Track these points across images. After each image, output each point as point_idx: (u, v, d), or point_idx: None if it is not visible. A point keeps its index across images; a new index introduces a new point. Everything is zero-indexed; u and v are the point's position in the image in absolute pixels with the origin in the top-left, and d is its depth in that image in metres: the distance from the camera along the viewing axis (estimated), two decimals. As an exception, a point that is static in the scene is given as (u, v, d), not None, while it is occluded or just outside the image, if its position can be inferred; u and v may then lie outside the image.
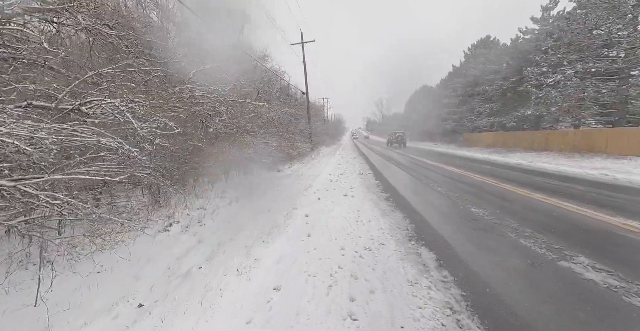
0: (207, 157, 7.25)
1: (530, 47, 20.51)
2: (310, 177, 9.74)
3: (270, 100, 15.24)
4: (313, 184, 7.97)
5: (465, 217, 4.39)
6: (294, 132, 16.09)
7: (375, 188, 7.13)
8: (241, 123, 8.22)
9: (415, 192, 6.56)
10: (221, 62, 7.61)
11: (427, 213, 4.65)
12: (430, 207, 5.09)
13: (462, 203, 5.18)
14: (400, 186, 7.33)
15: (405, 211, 4.85)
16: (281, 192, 7.14)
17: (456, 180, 7.84)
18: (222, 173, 8.61)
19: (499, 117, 22.28)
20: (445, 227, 3.99)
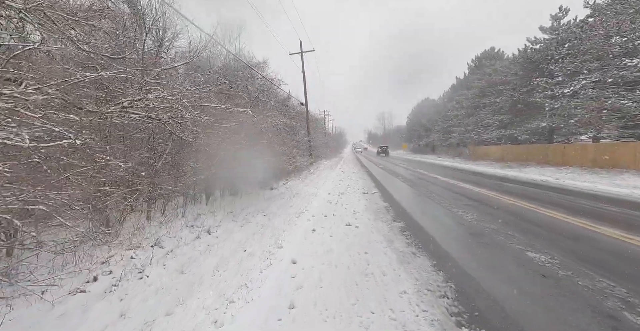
0: (179, 175, 5.94)
1: (540, 57, 19.54)
2: (306, 196, 8.37)
3: (266, 110, 14.11)
4: (308, 207, 6.60)
5: (530, 270, 2.99)
6: (291, 145, 14.86)
7: (384, 213, 5.75)
8: (223, 133, 6.98)
9: (438, 220, 5.17)
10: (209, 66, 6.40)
11: (465, 260, 3.26)
12: (466, 249, 3.69)
13: (508, 242, 3.80)
14: (416, 211, 5.94)
15: (433, 255, 3.46)
16: (269, 219, 5.76)
17: (480, 202, 6.45)
18: (201, 193, 7.27)
19: (510, 129, 21.05)
20: (504, 287, 2.60)
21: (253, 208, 6.93)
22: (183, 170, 6.10)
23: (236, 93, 12.72)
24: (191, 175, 6.46)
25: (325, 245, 3.99)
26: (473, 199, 7.00)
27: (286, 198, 8.43)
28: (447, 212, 5.69)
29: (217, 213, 6.20)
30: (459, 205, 6.27)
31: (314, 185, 11.18)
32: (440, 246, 3.75)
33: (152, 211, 5.36)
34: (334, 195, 8.38)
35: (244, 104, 12.78)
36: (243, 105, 13.18)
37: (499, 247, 3.69)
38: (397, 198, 7.42)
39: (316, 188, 10.13)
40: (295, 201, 7.69)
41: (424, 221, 5.07)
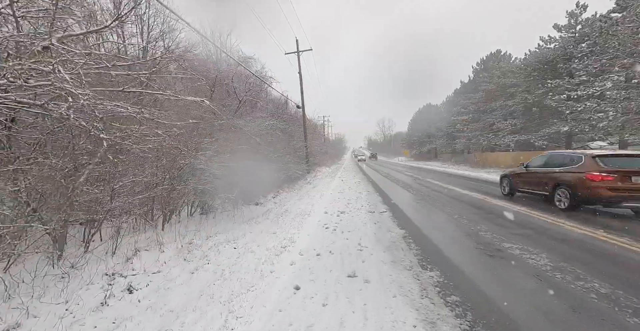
0: (116, 193, 4.18)
1: (557, 56, 18.03)
2: (297, 216, 6.59)
3: (255, 111, 12.41)
4: (297, 237, 4.81)
5: None
6: (283, 151, 13.13)
7: (403, 251, 3.96)
8: (187, 137, 5.30)
9: (497, 274, 3.38)
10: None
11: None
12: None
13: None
14: (448, 245, 4.16)
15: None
16: (238, 257, 3.98)
17: (535, 231, 4.68)
18: (162, 211, 5.49)
19: (524, 134, 19.39)
20: None
21: (223, 235, 5.14)
22: (123, 186, 4.34)
23: (226, 101, 11.07)
24: (138, 191, 4.71)
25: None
26: (521, 225, 5.22)
27: (271, 218, 6.64)
28: (506, 260, 3.90)
29: (168, 245, 4.41)
30: (510, 238, 4.49)
31: (309, 198, 9.39)
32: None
33: (62, 247, 3.58)
34: (332, 214, 6.59)
35: (225, 103, 11.10)
36: (228, 108, 11.49)
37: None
38: (415, 222, 5.63)
39: (311, 203, 8.34)
40: (282, 224, 5.90)
41: (474, 269, 3.29)
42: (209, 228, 5.71)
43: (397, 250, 3.95)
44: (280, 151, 12.98)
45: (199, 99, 3.79)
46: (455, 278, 3.01)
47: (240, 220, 6.47)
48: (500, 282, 2.89)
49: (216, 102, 11.21)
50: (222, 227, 5.89)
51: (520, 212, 6.02)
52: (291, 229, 5.36)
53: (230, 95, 11.93)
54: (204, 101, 3.72)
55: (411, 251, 3.88)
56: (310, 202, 8.50)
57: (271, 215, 7.04)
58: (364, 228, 5.19)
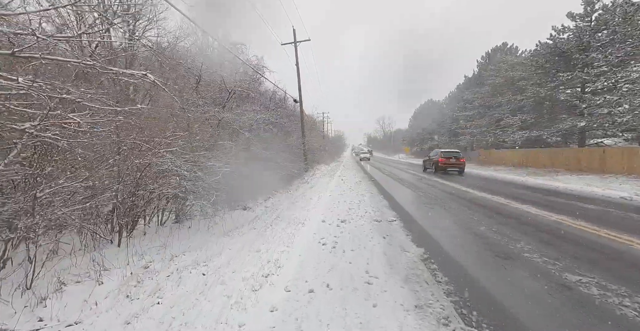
0: (45, 201, 3.11)
1: (572, 46, 16.87)
2: (288, 226, 5.50)
3: (245, 104, 11.28)
4: (283, 261, 3.71)
5: None
6: (278, 148, 12.03)
7: (429, 285, 2.88)
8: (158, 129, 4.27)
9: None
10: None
11: None
12: None
13: None
14: (495, 282, 3.09)
15: None
16: (197, 299, 2.89)
17: (594, 250, 3.63)
18: (118, 223, 4.41)
19: (536, 130, 18.29)
20: None
21: (194, 254, 4.07)
22: (54, 193, 3.26)
23: (212, 92, 9.98)
24: (81, 200, 3.62)
25: None
26: (564, 238, 4.16)
27: (259, 228, 5.55)
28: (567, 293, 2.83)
29: (113, 272, 3.33)
30: (562, 262, 3.42)
31: (305, 201, 8.31)
32: None
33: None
34: (330, 223, 5.51)
35: (211, 96, 9.98)
36: (216, 100, 10.36)
37: None
38: (433, 235, 4.56)
39: (307, 208, 7.26)
40: (270, 237, 4.81)
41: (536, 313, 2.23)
42: (179, 242, 4.63)
43: (419, 284, 2.87)
44: (275, 148, 11.88)
45: (138, 72, 2.66)
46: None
47: (221, 231, 5.39)
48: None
49: (200, 95, 10.11)
50: (197, 240, 4.81)
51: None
52: (279, 245, 4.28)
53: (220, 87, 10.80)
54: (146, 75, 2.59)
55: (440, 287, 2.80)
56: (306, 207, 7.42)
57: (259, 223, 5.96)
58: (370, 245, 4.11)
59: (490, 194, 8.32)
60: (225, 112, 10.07)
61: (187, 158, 4.70)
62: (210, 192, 5.14)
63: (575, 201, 7.15)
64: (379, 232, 4.76)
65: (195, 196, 4.93)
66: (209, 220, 5.80)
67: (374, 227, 5.10)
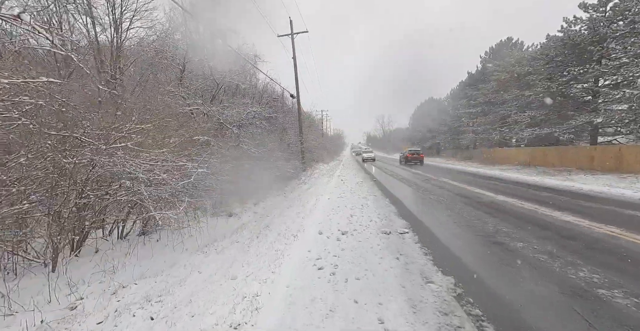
0: None
1: (584, 39, 15.92)
2: (277, 240, 4.52)
3: (234, 98, 10.27)
4: (264, 298, 2.73)
5: None
6: (272, 146, 11.04)
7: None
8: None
9: None
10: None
11: None
12: None
13: None
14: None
15: None
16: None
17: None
18: (52, 241, 3.42)
19: (547, 127, 17.33)
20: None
21: (146, 285, 3.09)
22: None
23: (198, 84, 8.99)
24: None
25: None
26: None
27: (242, 242, 4.58)
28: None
29: (23, 316, 2.35)
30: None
31: (301, 206, 7.33)
32: None
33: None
34: (329, 236, 4.53)
35: (198, 88, 8.97)
36: (203, 97, 9.35)
37: None
38: (462, 256, 3.59)
39: (302, 214, 6.27)
40: (253, 256, 3.84)
41: None
42: (138, 262, 3.65)
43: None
44: (269, 146, 10.90)
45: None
46: None
47: (195, 246, 4.41)
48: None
49: (184, 89, 9.11)
50: (162, 258, 3.84)
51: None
52: (263, 269, 3.30)
53: (207, 77, 9.79)
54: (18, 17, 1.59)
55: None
56: (302, 212, 6.44)
57: (244, 234, 4.98)
58: (381, 271, 3.14)
59: (511, 198, 7.36)
60: (213, 105, 9.10)
61: (148, 156, 3.71)
62: (181, 198, 4.15)
63: (612, 206, 6.18)
64: (390, 250, 3.78)
65: (160, 205, 3.94)
66: (184, 230, 4.83)
67: (383, 242, 4.12)
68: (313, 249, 3.94)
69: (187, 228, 4.94)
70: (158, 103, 7.69)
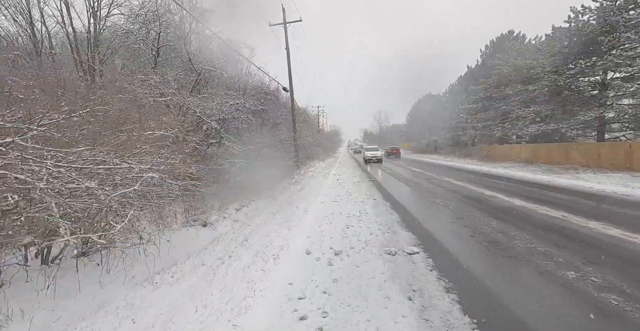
0: None
1: (593, 29, 15.04)
2: (254, 263, 3.55)
3: (216, 88, 9.20)
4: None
5: None
6: (260, 142, 10.02)
7: None
8: None
9: None
10: None
11: None
12: None
13: None
14: None
15: None
16: None
17: None
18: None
19: (554, 122, 16.50)
20: None
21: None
22: None
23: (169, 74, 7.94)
24: None
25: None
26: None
27: (208, 265, 3.60)
28: None
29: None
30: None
31: (289, 213, 6.36)
32: None
33: None
34: (319, 259, 3.57)
35: (175, 77, 7.89)
36: (182, 86, 8.32)
37: None
38: (502, 299, 2.65)
39: (289, 224, 5.30)
40: (215, 290, 2.86)
41: None
42: (55, 303, 2.66)
43: None
44: (257, 142, 9.88)
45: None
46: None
47: (146, 271, 3.43)
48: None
49: (160, 73, 8.03)
50: (92, 295, 2.86)
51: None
52: (221, 322, 2.33)
53: (185, 66, 8.72)
54: None
55: None
56: (289, 221, 5.47)
57: (213, 254, 4.01)
58: (390, 325, 2.19)
59: (528, 202, 6.46)
60: (191, 96, 8.05)
61: (65, 157, 2.69)
62: (123, 212, 3.15)
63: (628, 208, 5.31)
64: (398, 282, 2.84)
65: (95, 220, 2.94)
66: (139, 250, 3.83)
67: (388, 268, 3.17)
68: (297, 279, 2.98)
69: (145, 245, 3.95)
70: (123, 92, 6.65)
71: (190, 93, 8.72)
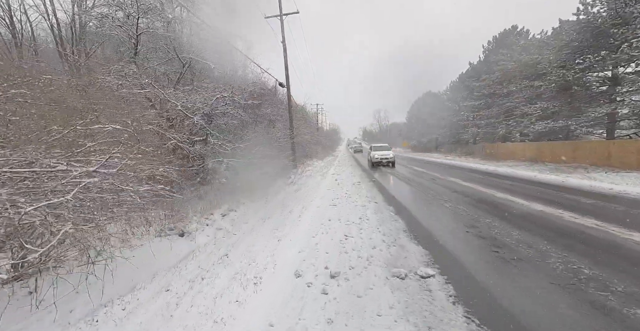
0: None
1: (604, 21, 14.35)
2: (229, 288, 2.84)
3: (201, 81, 8.46)
4: None
5: None
6: (256, 142, 9.30)
7: None
8: None
9: None
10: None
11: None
12: None
13: None
14: None
15: None
16: None
17: None
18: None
19: (562, 119, 15.82)
20: None
21: None
22: None
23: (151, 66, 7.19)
24: None
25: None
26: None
27: (173, 293, 2.89)
28: None
29: None
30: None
31: (281, 218, 5.66)
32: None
33: None
34: (313, 283, 2.87)
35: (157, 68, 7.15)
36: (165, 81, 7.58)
37: None
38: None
39: (279, 234, 4.59)
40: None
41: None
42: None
43: None
44: (250, 140, 9.16)
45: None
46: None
47: (89, 303, 2.73)
48: None
49: (139, 64, 7.28)
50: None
51: None
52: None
53: (170, 55, 7.98)
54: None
55: None
56: (280, 229, 4.76)
57: (184, 274, 3.30)
58: None
59: (549, 206, 5.78)
60: (176, 89, 7.32)
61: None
62: (57, 227, 2.44)
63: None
64: (413, 321, 2.14)
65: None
66: (95, 269, 3.12)
67: (398, 299, 2.48)
68: (280, 318, 2.27)
69: (102, 264, 3.23)
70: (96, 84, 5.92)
71: (175, 85, 8.00)
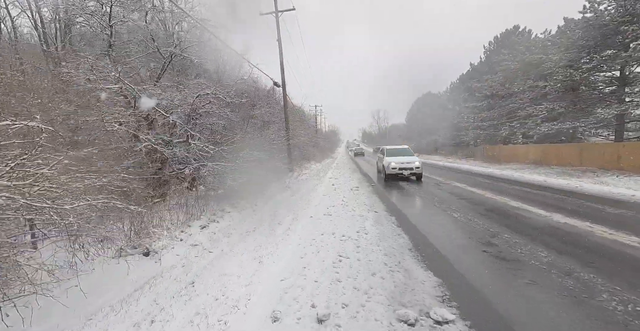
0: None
1: (612, 19, 13.82)
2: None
3: (184, 77, 7.76)
4: None
5: None
6: (246, 144, 8.60)
7: None
8: None
9: None
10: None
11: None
12: None
13: None
14: None
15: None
16: None
17: None
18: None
19: (569, 121, 15.19)
20: None
21: None
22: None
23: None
24: None
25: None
26: None
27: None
28: None
29: None
30: None
31: (267, 233, 4.95)
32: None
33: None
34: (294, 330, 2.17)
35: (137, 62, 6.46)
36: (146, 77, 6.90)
37: None
38: None
39: (263, 252, 3.88)
40: None
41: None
42: None
43: None
44: (241, 141, 8.46)
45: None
46: None
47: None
48: None
49: (117, 59, 6.60)
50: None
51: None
52: None
53: (149, 48, 7.28)
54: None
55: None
56: (263, 248, 4.05)
57: (127, 316, 2.61)
58: None
59: (571, 217, 5.10)
60: (158, 87, 6.63)
61: None
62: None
63: None
64: None
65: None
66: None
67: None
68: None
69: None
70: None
71: (156, 82, 7.31)
